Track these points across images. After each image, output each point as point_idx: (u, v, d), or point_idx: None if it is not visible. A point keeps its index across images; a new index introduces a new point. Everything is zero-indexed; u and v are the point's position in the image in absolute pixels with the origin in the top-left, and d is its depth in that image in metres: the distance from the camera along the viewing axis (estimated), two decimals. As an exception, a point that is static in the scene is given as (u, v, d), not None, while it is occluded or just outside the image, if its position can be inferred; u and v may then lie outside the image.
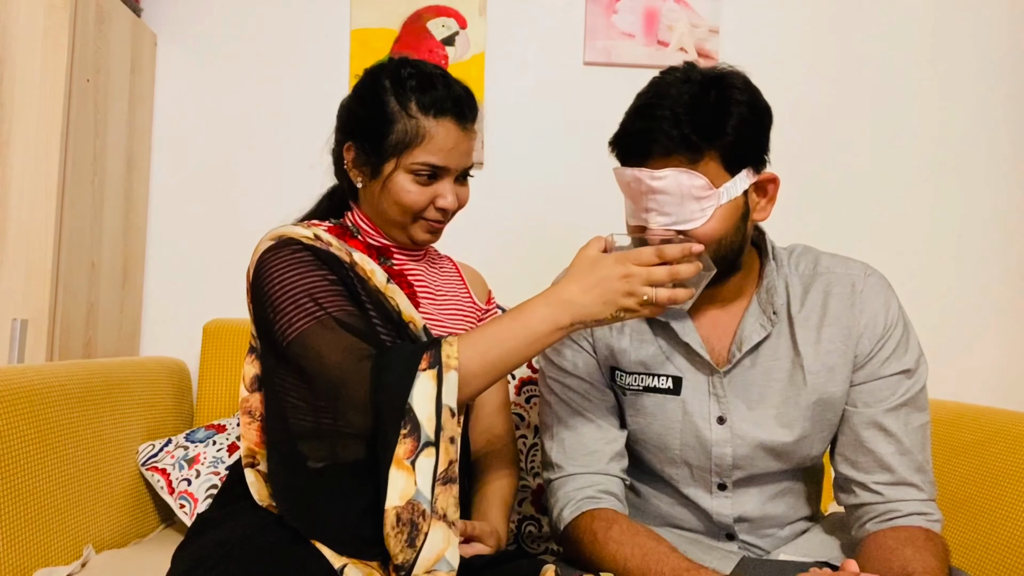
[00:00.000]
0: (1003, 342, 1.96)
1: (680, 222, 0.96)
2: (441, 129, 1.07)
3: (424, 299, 1.16)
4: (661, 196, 0.96)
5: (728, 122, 0.96)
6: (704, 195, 0.95)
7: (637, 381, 1.08)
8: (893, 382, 1.02)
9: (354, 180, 1.13)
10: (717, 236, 0.97)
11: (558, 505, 1.06)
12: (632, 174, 0.97)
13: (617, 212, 1.08)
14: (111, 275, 1.69)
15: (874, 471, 1.01)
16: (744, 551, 1.08)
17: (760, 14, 1.93)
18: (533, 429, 1.53)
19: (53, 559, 1.12)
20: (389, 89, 1.09)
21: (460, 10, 1.87)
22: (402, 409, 0.89)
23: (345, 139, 1.13)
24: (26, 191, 1.44)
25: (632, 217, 1.02)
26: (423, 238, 1.14)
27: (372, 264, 1.08)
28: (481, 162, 1.88)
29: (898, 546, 0.94)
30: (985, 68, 1.97)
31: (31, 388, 1.13)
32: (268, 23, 1.88)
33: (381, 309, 1.05)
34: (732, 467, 1.05)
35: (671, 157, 0.95)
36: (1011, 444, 1.27)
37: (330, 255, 1.05)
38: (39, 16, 1.45)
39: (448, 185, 1.10)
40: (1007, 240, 1.96)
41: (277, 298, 0.99)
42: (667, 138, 0.94)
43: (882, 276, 1.07)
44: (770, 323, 1.04)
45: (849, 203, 1.95)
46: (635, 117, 1.00)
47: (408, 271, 1.16)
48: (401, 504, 0.86)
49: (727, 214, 0.98)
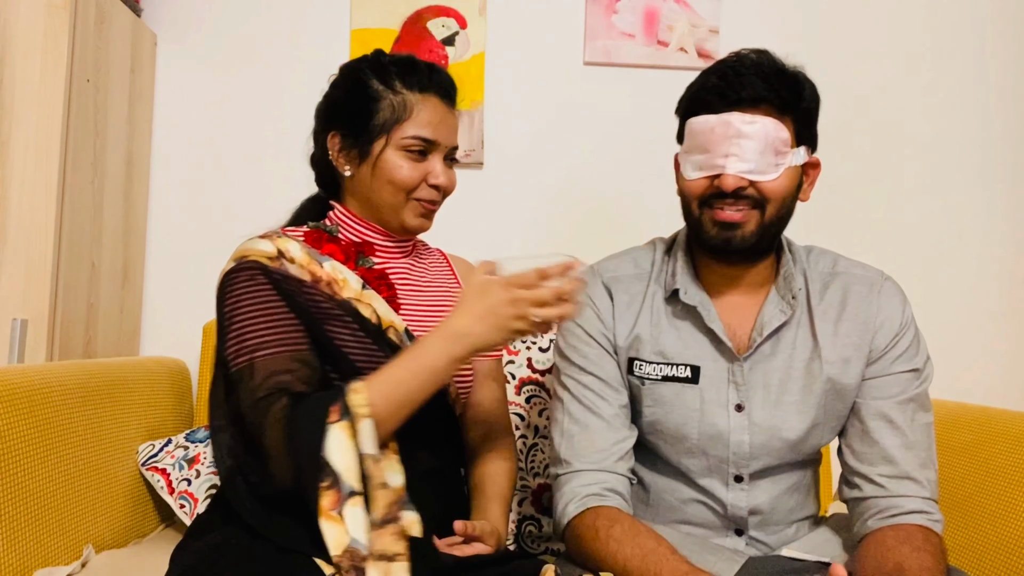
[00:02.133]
0: (1003, 342, 1.96)
1: (756, 171, 1.01)
2: (428, 103, 1.09)
3: (408, 298, 1.14)
4: (746, 142, 0.99)
5: (804, 93, 1.03)
6: (783, 150, 1.01)
7: (656, 371, 1.09)
8: (903, 379, 1.06)
9: (341, 169, 1.11)
10: (782, 194, 1.03)
11: (563, 500, 1.06)
12: (722, 118, 1.00)
13: (617, 212, 1.08)
14: (111, 275, 1.69)
15: (878, 463, 1.03)
16: (751, 547, 1.09)
17: (760, 14, 1.93)
18: (533, 429, 1.53)
19: (53, 559, 1.12)
20: (371, 74, 1.10)
21: (460, 10, 1.87)
22: (318, 464, 0.88)
23: (329, 129, 1.12)
24: (26, 191, 1.44)
25: (702, 167, 1.03)
26: (415, 223, 1.12)
27: (345, 272, 1.07)
28: (481, 162, 1.88)
29: (896, 544, 0.95)
30: (985, 67, 1.97)
31: (31, 388, 1.13)
32: (268, 23, 1.88)
33: (356, 318, 1.04)
34: (749, 456, 1.07)
35: (759, 107, 1.00)
36: (1011, 444, 1.28)
37: (288, 278, 1.02)
38: (39, 16, 1.45)
39: (439, 162, 1.10)
40: (1007, 240, 1.97)
41: (227, 328, 1.00)
42: (759, 86, 1.00)
43: (897, 283, 1.12)
44: (789, 308, 1.07)
45: (849, 203, 1.95)
46: (717, 73, 1.04)
47: (390, 270, 1.14)
48: (339, 553, 0.86)
49: (791, 178, 1.04)
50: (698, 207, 1.06)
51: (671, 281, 1.11)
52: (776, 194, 1.02)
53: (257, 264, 1.02)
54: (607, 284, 1.15)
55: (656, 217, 1.89)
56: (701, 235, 1.06)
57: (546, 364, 1.56)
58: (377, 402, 0.92)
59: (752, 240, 1.03)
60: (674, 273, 1.12)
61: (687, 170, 1.06)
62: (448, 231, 1.89)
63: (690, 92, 1.08)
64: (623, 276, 1.15)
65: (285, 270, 1.03)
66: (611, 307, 1.13)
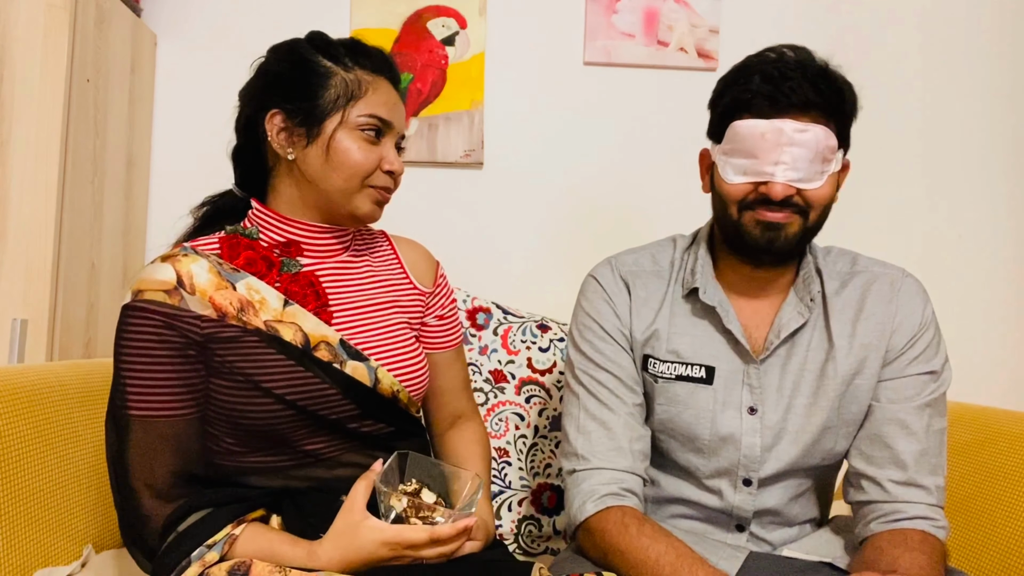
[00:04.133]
0: (1003, 342, 1.96)
1: (805, 179, 0.99)
2: (381, 83, 1.04)
3: (342, 303, 1.06)
4: (798, 150, 0.97)
5: (846, 95, 1.00)
6: (830, 157, 0.99)
7: (671, 369, 1.08)
8: (920, 381, 1.04)
9: (283, 152, 1.02)
10: (826, 201, 1.02)
11: (580, 496, 1.05)
12: (773, 124, 0.97)
13: (617, 212, 1.08)
14: (111, 275, 1.68)
15: (887, 467, 1.02)
16: (752, 543, 1.09)
17: (760, 14, 1.93)
18: (533, 429, 1.53)
19: (53, 559, 1.11)
20: (314, 51, 1.03)
21: (460, 10, 1.87)
22: None
23: (268, 107, 1.02)
24: (26, 191, 1.44)
25: (747, 172, 1.00)
26: (366, 210, 1.04)
27: (264, 292, 0.99)
28: (481, 162, 1.88)
29: (890, 546, 0.95)
30: (985, 67, 1.97)
31: (31, 388, 1.13)
32: (268, 23, 1.88)
33: (272, 343, 0.97)
34: (760, 460, 1.06)
35: (809, 112, 0.98)
36: (1011, 444, 1.27)
37: (183, 320, 0.94)
38: (39, 16, 1.45)
39: (392, 148, 1.04)
40: (1007, 240, 1.97)
41: (116, 371, 0.96)
42: (808, 91, 0.97)
43: (919, 281, 1.10)
44: (807, 310, 1.06)
45: (848, 203, 1.95)
46: (762, 73, 0.99)
47: (321, 271, 1.06)
48: None
49: (833, 183, 1.02)
50: (738, 211, 1.03)
51: (690, 279, 1.10)
52: (820, 201, 1.00)
53: (148, 310, 0.94)
54: (625, 278, 1.14)
55: (656, 217, 1.90)
56: (742, 235, 1.03)
57: (546, 364, 1.56)
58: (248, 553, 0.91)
59: (794, 242, 1.02)
60: (694, 271, 1.11)
61: (728, 173, 1.02)
62: (448, 231, 1.90)
63: (733, 91, 1.02)
64: (641, 271, 1.14)
65: (183, 307, 0.95)
66: (628, 301, 1.12)
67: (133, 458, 0.94)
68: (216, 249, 1.04)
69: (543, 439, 1.53)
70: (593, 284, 1.15)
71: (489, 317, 1.59)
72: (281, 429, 0.98)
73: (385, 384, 1.04)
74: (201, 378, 0.97)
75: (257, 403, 0.96)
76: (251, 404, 0.96)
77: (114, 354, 0.97)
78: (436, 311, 1.20)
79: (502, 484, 1.51)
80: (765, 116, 0.98)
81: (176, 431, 0.95)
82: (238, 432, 0.98)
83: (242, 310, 0.97)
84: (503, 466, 1.51)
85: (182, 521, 0.94)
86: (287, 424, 0.98)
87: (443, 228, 1.89)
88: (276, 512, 1.01)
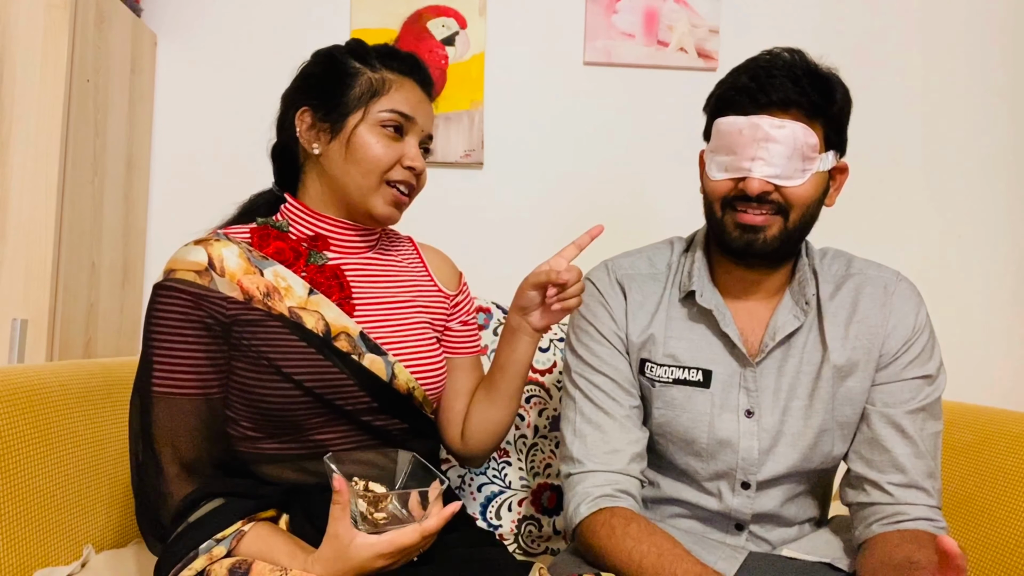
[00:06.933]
0: (1003, 342, 1.96)
1: (783, 176, 0.99)
2: (407, 83, 1.07)
3: (365, 297, 1.08)
4: (774, 146, 0.98)
5: (836, 95, 1.01)
6: (811, 155, 0.99)
7: (667, 373, 1.08)
8: (914, 386, 1.04)
9: (309, 147, 1.06)
10: (807, 200, 1.01)
11: (575, 500, 1.05)
12: (751, 120, 0.99)
13: (617, 212, 1.08)
14: (111, 275, 1.68)
15: (888, 471, 1.02)
16: (751, 543, 1.09)
17: (760, 14, 1.93)
18: (533, 429, 1.53)
19: (53, 559, 1.11)
20: (348, 55, 1.07)
21: (460, 10, 1.87)
22: None
23: (299, 105, 1.06)
24: (26, 191, 1.44)
25: (728, 169, 1.02)
26: (384, 211, 1.06)
27: (290, 279, 1.01)
28: (481, 162, 1.88)
29: (902, 542, 0.96)
30: (985, 66, 1.97)
31: (31, 388, 1.13)
32: (268, 23, 1.88)
33: (295, 330, 0.99)
34: (757, 463, 1.06)
35: (789, 110, 0.99)
36: (1011, 444, 1.27)
37: (211, 300, 0.97)
38: (39, 16, 1.45)
39: (415, 145, 1.06)
40: (1007, 240, 1.97)
41: (144, 349, 0.98)
42: (790, 89, 0.98)
43: (913, 284, 1.10)
44: (803, 313, 1.06)
45: (848, 203, 1.94)
46: (748, 72, 1.01)
47: (347, 266, 1.08)
48: None
49: (817, 184, 1.02)
50: (721, 208, 1.04)
51: (687, 282, 1.10)
52: (801, 200, 1.01)
53: (178, 288, 0.97)
54: (620, 281, 1.14)
55: (656, 217, 1.89)
56: (723, 237, 1.05)
57: (546, 364, 1.56)
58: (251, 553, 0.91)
59: (774, 245, 1.02)
60: (690, 274, 1.11)
61: (712, 170, 1.04)
62: (448, 231, 1.90)
63: (720, 90, 1.05)
64: (637, 275, 1.15)
65: (212, 288, 0.98)
66: (624, 305, 1.12)
67: (157, 433, 0.96)
68: (248, 237, 1.07)
69: (543, 439, 1.53)
70: (589, 287, 1.16)
71: (489, 317, 1.59)
72: (297, 415, 1.00)
73: (401, 380, 1.05)
74: (225, 359, 0.99)
75: (276, 387, 0.98)
76: (270, 387, 0.98)
77: (143, 332, 0.99)
78: (461, 316, 1.22)
79: (502, 484, 1.51)
80: (745, 113, 1.00)
81: (199, 409, 0.97)
82: (256, 416, 1.00)
83: (268, 295, 1.00)
84: (503, 466, 1.51)
85: (195, 509, 0.94)
86: (303, 410, 1.00)
87: (443, 228, 1.89)
88: (286, 511, 1.01)
